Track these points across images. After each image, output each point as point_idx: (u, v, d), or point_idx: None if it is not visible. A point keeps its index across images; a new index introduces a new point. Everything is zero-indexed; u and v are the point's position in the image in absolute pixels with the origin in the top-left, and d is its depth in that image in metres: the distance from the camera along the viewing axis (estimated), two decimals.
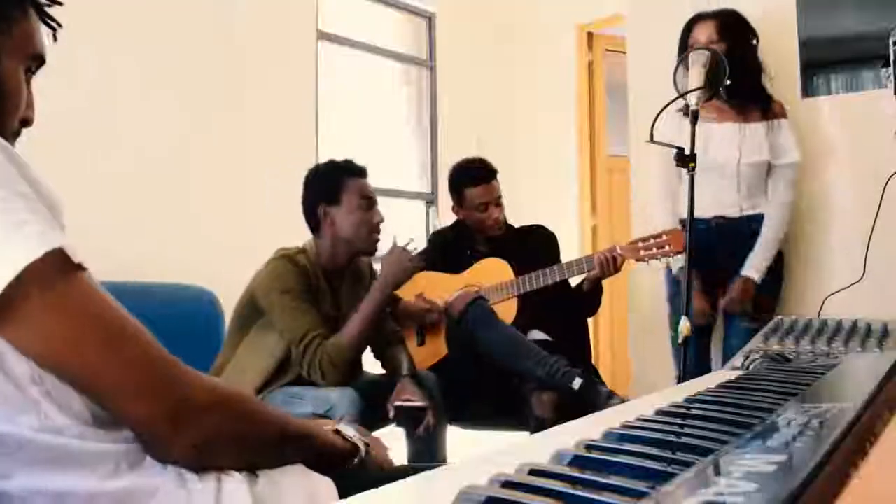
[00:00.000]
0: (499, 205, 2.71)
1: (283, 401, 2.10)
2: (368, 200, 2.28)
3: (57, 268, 0.68)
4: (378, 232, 2.30)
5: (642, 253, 2.45)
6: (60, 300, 0.68)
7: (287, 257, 2.20)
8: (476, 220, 2.71)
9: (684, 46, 2.56)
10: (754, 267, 2.49)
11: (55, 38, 0.94)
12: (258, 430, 0.82)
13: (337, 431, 0.97)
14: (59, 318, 0.68)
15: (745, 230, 2.52)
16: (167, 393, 0.72)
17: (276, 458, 0.84)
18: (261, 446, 0.82)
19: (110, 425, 0.73)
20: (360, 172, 2.32)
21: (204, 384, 0.76)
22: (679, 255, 2.39)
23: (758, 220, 2.52)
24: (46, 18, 0.90)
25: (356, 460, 0.96)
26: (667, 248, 2.41)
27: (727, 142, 2.49)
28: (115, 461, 0.72)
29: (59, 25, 0.92)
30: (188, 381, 0.74)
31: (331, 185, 2.28)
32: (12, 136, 0.87)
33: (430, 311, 2.61)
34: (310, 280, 2.21)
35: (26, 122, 0.89)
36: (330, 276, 2.28)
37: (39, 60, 0.89)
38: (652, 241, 2.44)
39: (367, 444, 0.97)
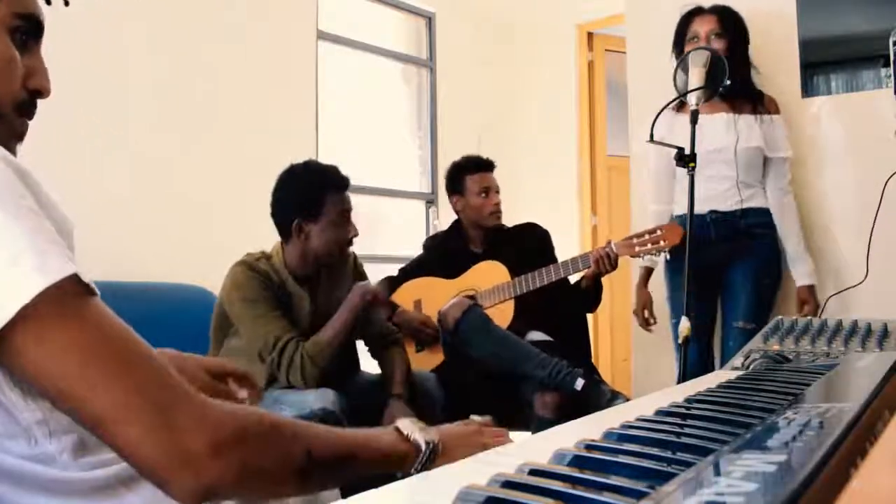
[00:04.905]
0: (498, 192, 2.75)
1: (264, 407, 2.08)
2: (346, 215, 2.19)
3: (56, 301, 0.63)
4: (350, 245, 2.24)
5: (637, 249, 2.43)
6: (60, 335, 0.63)
7: (245, 264, 2.14)
8: (477, 206, 2.72)
9: (681, 38, 2.55)
10: (806, 274, 2.49)
11: (48, 2, 0.86)
12: (278, 467, 0.70)
13: (398, 430, 0.86)
14: (58, 352, 0.63)
15: (739, 225, 2.47)
16: (167, 431, 0.63)
17: (304, 489, 0.75)
18: (281, 482, 0.72)
19: (103, 448, 0.71)
20: (343, 185, 2.20)
21: (215, 421, 0.66)
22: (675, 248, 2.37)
23: (753, 213, 2.48)
24: None
25: (419, 462, 0.85)
26: (662, 242, 2.38)
27: (721, 131, 2.45)
28: (108, 484, 0.70)
29: None
30: (195, 417, 0.65)
31: (311, 199, 2.16)
32: (16, 110, 0.79)
33: (427, 334, 2.63)
34: (274, 285, 2.15)
35: (37, 92, 0.81)
36: (302, 281, 2.22)
37: (31, 22, 0.80)
38: (647, 235, 2.41)
39: (430, 443, 0.86)
